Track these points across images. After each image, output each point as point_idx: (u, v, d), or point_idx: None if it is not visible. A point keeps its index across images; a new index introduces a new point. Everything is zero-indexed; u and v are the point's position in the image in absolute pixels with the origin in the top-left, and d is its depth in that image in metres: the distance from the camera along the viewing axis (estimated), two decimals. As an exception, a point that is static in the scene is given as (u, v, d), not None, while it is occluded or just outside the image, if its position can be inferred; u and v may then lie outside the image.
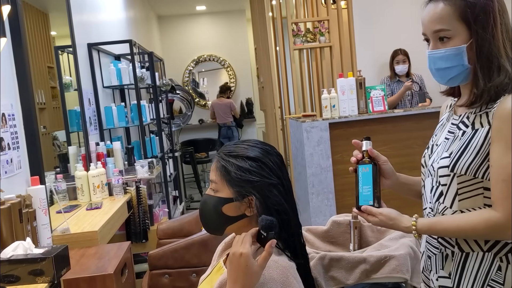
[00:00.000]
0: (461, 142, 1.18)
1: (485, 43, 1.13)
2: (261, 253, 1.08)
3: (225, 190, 1.21)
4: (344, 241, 1.78)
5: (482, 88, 1.15)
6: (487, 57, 1.14)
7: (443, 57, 1.17)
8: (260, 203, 1.17)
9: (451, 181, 1.19)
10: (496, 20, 1.13)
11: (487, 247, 1.16)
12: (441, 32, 1.16)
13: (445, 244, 1.23)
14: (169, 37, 8.47)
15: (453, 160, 1.17)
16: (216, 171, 1.23)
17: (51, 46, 2.99)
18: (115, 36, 4.43)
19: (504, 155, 1.09)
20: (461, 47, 1.15)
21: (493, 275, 1.15)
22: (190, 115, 5.92)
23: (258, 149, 1.23)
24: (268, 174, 1.19)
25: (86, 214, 2.44)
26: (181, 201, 5.18)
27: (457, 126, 1.22)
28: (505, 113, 1.10)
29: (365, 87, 3.69)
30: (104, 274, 1.73)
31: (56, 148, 3.02)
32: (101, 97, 3.59)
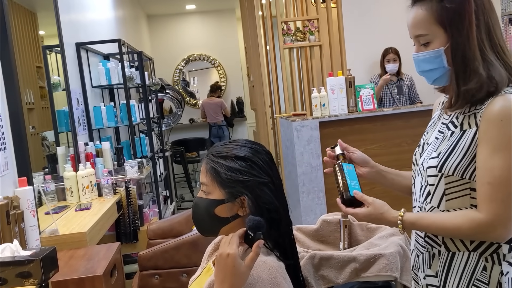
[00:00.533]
0: (449, 143, 1.18)
1: (460, 46, 1.14)
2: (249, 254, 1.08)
3: (216, 191, 1.20)
4: (334, 240, 1.78)
5: (457, 91, 1.16)
6: (462, 61, 1.15)
7: (425, 60, 1.20)
8: (252, 202, 1.17)
9: (438, 181, 1.19)
10: (472, 23, 1.13)
11: (473, 247, 1.17)
12: (421, 37, 1.19)
13: (432, 243, 1.24)
14: (158, 37, 8.43)
15: (441, 161, 1.18)
16: (206, 173, 1.22)
17: (39, 46, 2.96)
18: (104, 35, 4.40)
19: (490, 157, 1.09)
20: (439, 50, 1.17)
21: (478, 275, 1.16)
22: (180, 115, 5.90)
23: (247, 148, 1.22)
24: (259, 173, 1.19)
25: (75, 215, 2.42)
26: (171, 201, 5.16)
27: (446, 126, 1.22)
28: (492, 115, 1.10)
29: (354, 86, 3.70)
30: (93, 276, 1.72)
31: (45, 149, 2.99)
32: (90, 97, 3.56)
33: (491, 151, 1.09)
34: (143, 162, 3.28)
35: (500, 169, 1.08)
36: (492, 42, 1.15)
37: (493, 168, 1.09)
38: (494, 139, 1.09)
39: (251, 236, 1.06)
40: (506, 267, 1.14)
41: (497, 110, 1.09)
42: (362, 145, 3.81)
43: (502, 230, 1.10)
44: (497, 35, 1.16)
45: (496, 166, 1.08)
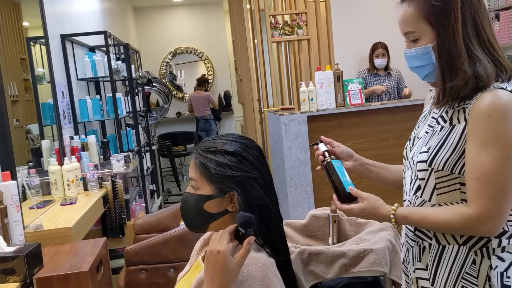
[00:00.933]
0: (439, 138, 1.18)
1: (445, 43, 1.15)
2: (239, 250, 1.07)
3: (205, 187, 1.18)
4: (323, 235, 1.78)
5: (442, 88, 1.17)
6: (447, 58, 1.15)
7: (415, 56, 1.20)
8: (241, 198, 1.15)
9: (429, 175, 1.19)
10: (457, 20, 1.13)
11: (463, 240, 1.17)
12: (410, 34, 1.20)
13: (422, 236, 1.24)
14: (145, 29, 8.34)
15: (430, 155, 1.18)
16: (195, 168, 1.20)
17: (23, 37, 2.90)
18: (89, 27, 4.33)
19: (478, 153, 1.10)
20: (427, 47, 1.17)
21: (467, 268, 1.17)
22: (167, 108, 5.84)
23: (237, 143, 1.20)
24: (248, 168, 1.17)
25: (60, 210, 2.38)
26: (158, 195, 5.13)
27: (436, 120, 1.22)
28: (480, 111, 1.10)
29: (342, 80, 3.69)
30: (78, 272, 1.69)
31: (30, 142, 2.94)
32: (75, 90, 3.51)
33: (479, 146, 1.10)
34: (130, 156, 3.25)
35: (488, 165, 1.09)
36: (480, 38, 1.15)
37: (481, 163, 1.09)
38: (482, 135, 1.10)
39: (241, 233, 1.04)
40: (496, 261, 1.15)
41: (485, 105, 1.10)
42: (350, 140, 3.81)
43: (491, 225, 1.10)
44: (486, 30, 1.16)
45: (484, 161, 1.09)
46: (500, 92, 1.11)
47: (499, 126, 1.08)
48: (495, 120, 1.08)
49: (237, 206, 1.16)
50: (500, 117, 1.08)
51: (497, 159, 1.08)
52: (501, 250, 1.15)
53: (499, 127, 1.08)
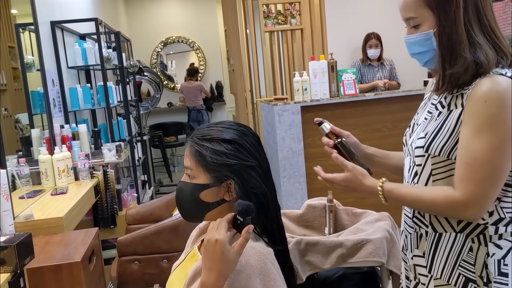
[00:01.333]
0: (437, 123, 1.18)
1: (446, 29, 1.13)
2: (238, 239, 1.04)
3: (201, 175, 1.15)
4: (319, 225, 1.76)
5: (442, 75, 1.16)
6: (448, 44, 1.14)
7: (416, 42, 1.19)
8: (238, 187, 1.12)
9: (425, 161, 1.19)
10: (459, 6, 1.12)
11: (460, 227, 1.17)
12: (410, 20, 1.19)
13: (419, 223, 1.24)
14: (136, 18, 8.24)
15: (427, 141, 1.18)
16: (190, 156, 1.17)
17: (11, 25, 2.83)
18: (79, 15, 4.25)
19: (471, 138, 1.09)
20: (429, 33, 1.16)
21: (464, 256, 1.16)
22: (158, 98, 5.78)
23: (233, 130, 1.17)
24: (246, 156, 1.14)
25: (51, 200, 2.34)
26: (150, 185, 5.09)
27: (435, 106, 1.22)
28: (477, 96, 1.09)
29: (336, 70, 3.67)
30: (70, 262, 1.66)
31: (19, 131, 2.89)
32: (65, 78, 3.44)
33: (473, 131, 1.09)
34: (121, 145, 3.20)
35: (480, 151, 1.08)
36: (482, 24, 1.14)
37: (473, 149, 1.09)
38: (476, 120, 1.09)
39: (240, 221, 1.02)
40: (493, 249, 1.14)
41: (482, 91, 1.09)
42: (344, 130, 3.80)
43: (475, 210, 1.10)
44: (488, 16, 1.15)
45: (476, 147, 1.08)
46: (499, 78, 1.10)
47: (495, 112, 1.07)
48: (491, 106, 1.07)
49: (234, 195, 1.13)
50: (496, 103, 1.07)
51: (490, 146, 1.07)
52: (498, 238, 1.14)
53: (494, 113, 1.07)
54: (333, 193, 1.79)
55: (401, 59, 4.76)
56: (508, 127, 1.06)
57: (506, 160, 1.08)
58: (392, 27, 4.91)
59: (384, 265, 1.51)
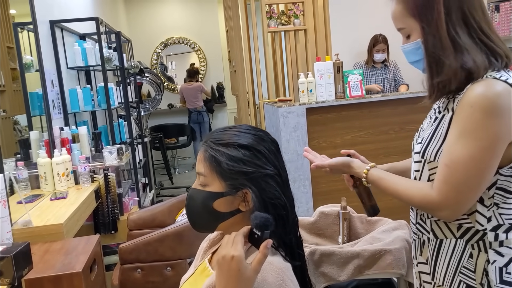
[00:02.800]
0: (432, 128, 1.17)
1: (429, 37, 1.13)
2: (252, 253, 0.96)
3: (215, 183, 1.06)
4: (332, 233, 1.67)
5: (430, 84, 1.15)
6: (433, 52, 1.13)
7: (409, 52, 1.20)
8: (256, 196, 1.03)
9: (422, 167, 1.18)
10: (440, 13, 1.10)
11: (459, 233, 1.15)
12: (401, 30, 1.20)
13: (421, 230, 1.23)
14: (136, 18, 8.15)
15: (423, 146, 1.18)
16: (204, 162, 1.08)
17: (10, 25, 2.75)
18: (79, 14, 4.17)
19: (454, 141, 1.08)
20: (417, 42, 1.16)
21: (464, 262, 1.15)
22: (159, 99, 5.69)
23: (251, 135, 1.09)
24: (264, 164, 1.05)
25: (50, 205, 2.25)
26: (150, 188, 5.00)
27: (435, 112, 1.21)
28: (465, 101, 1.08)
29: (342, 71, 3.59)
30: (71, 273, 1.57)
31: (17, 133, 2.81)
32: (65, 79, 3.36)
33: (456, 135, 1.08)
34: (123, 148, 3.11)
35: (459, 155, 1.07)
36: (470, 27, 1.11)
37: (453, 151, 1.08)
38: (461, 124, 1.08)
39: (257, 235, 0.93)
40: (493, 256, 1.12)
41: (471, 96, 1.07)
42: (349, 133, 3.72)
43: (448, 213, 1.11)
44: (476, 18, 1.12)
45: (457, 150, 1.07)
46: (492, 82, 1.06)
47: (478, 118, 1.04)
48: (476, 111, 1.05)
49: (251, 205, 1.05)
50: (482, 109, 1.04)
51: (468, 152, 1.05)
52: (498, 244, 1.12)
53: (478, 118, 1.05)
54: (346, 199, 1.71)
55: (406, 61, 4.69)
56: (492, 135, 1.04)
57: (485, 168, 1.06)
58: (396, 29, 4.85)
59: (403, 277, 1.42)
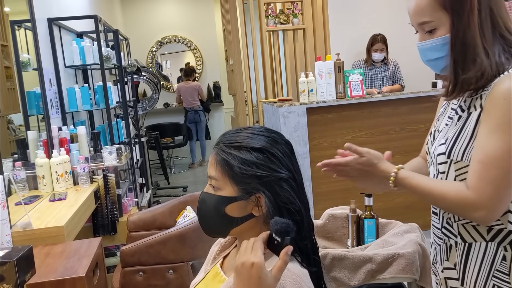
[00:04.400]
0: (457, 128, 1.13)
1: (460, 33, 1.08)
2: (267, 260, 0.93)
3: (227, 187, 1.03)
4: (340, 236, 1.64)
5: (454, 81, 1.10)
6: (461, 48, 1.08)
7: (431, 48, 1.14)
8: (270, 201, 1.00)
9: (448, 168, 1.14)
10: (473, 8, 1.06)
11: (490, 236, 1.11)
12: (426, 24, 1.13)
13: (448, 234, 1.18)
14: (132, 17, 8.08)
15: (448, 146, 1.13)
16: (216, 165, 1.04)
17: (5, 23, 2.69)
18: (76, 13, 4.11)
19: (486, 136, 1.04)
20: (446, 37, 1.10)
21: (498, 265, 1.10)
22: (157, 98, 5.63)
23: (264, 137, 1.05)
24: (278, 167, 1.02)
25: (49, 206, 2.20)
26: (147, 188, 4.95)
27: (455, 111, 1.17)
28: (496, 94, 1.05)
29: (343, 71, 3.56)
30: (74, 277, 1.53)
31: (11, 132, 2.75)
32: (62, 78, 3.31)
33: (489, 129, 1.05)
34: (122, 148, 3.06)
35: (494, 149, 1.02)
36: (496, 25, 1.09)
37: (487, 146, 1.04)
38: (493, 118, 1.04)
39: (277, 241, 0.89)
40: None
41: (502, 89, 1.04)
42: (350, 133, 3.70)
43: (485, 213, 1.04)
44: (502, 15, 1.10)
45: (491, 145, 1.03)
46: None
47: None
48: (509, 104, 1.01)
49: (264, 210, 1.01)
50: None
51: (504, 145, 1.01)
52: None
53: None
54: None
55: (407, 60, 4.66)
56: None
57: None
58: (396, 28, 4.82)
59: (417, 281, 1.39)
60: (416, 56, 1.23)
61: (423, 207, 3.77)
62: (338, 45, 4.86)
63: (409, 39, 4.96)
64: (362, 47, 4.67)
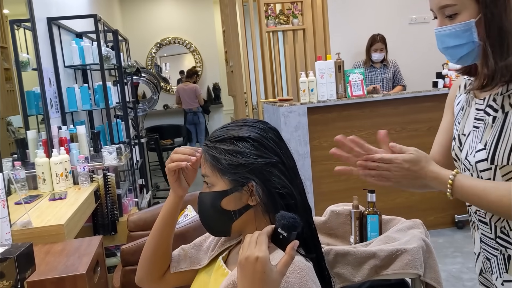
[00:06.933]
0: (494, 130, 1.04)
1: (496, 17, 0.99)
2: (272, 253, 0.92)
3: (219, 182, 1.03)
4: (343, 233, 1.63)
5: (493, 68, 1.01)
6: (498, 33, 1.00)
7: (451, 34, 1.05)
8: (261, 188, 1.00)
9: (494, 174, 1.04)
10: None
11: None
12: (447, 8, 1.04)
13: (504, 244, 1.08)
14: (131, 18, 8.08)
15: (489, 151, 1.04)
16: (205, 163, 1.05)
17: (3, 25, 2.68)
18: (75, 13, 4.10)
19: None
20: (469, 22, 1.02)
21: None
22: (156, 100, 5.63)
23: (247, 127, 1.05)
24: (263, 153, 1.01)
25: (49, 205, 2.19)
26: (147, 190, 4.93)
27: (484, 112, 1.07)
28: None
29: (344, 70, 3.56)
30: (74, 275, 1.51)
31: (11, 134, 2.74)
32: (62, 78, 3.30)
33: None
34: (122, 148, 3.05)
35: None
36: None
37: None
38: None
39: (282, 236, 0.88)
40: None
41: None
42: (351, 132, 3.64)
43: None
44: None
45: None
46: None
47: None
48: None
49: (258, 199, 1.01)
50: None
51: None
52: None
53: None
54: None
55: (407, 60, 4.67)
56: None
57: None
58: (396, 28, 4.82)
59: (421, 277, 1.38)
60: (416, 56, 1.18)
61: (424, 207, 3.79)
62: (338, 45, 4.86)
63: (409, 39, 4.99)
64: (361, 48, 4.67)
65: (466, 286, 2.95)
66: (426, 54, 4.38)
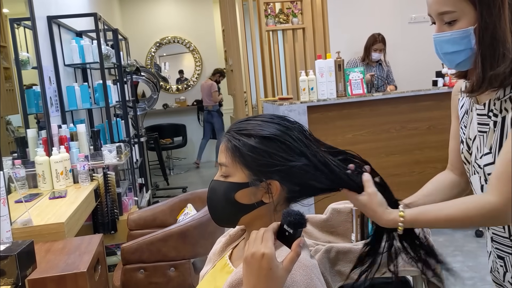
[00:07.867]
0: (497, 134, 1.06)
1: (489, 26, 1.00)
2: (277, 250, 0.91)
3: (238, 173, 1.01)
4: (344, 230, 1.63)
5: (481, 76, 1.03)
6: (490, 43, 1.01)
7: (450, 41, 1.06)
8: (282, 188, 1.00)
9: None
10: (504, 0, 1.00)
11: None
12: (446, 14, 1.04)
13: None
14: (131, 17, 8.07)
15: (495, 155, 1.06)
16: (226, 152, 1.03)
17: (3, 23, 2.68)
18: (75, 11, 4.10)
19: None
20: (468, 30, 1.03)
21: None
22: (156, 99, 5.62)
23: (275, 124, 1.03)
24: (290, 156, 0.99)
25: (49, 204, 2.19)
26: (147, 189, 4.93)
27: (487, 116, 1.09)
28: None
29: (344, 69, 3.56)
30: (75, 273, 1.51)
31: (10, 133, 2.73)
32: (62, 76, 3.29)
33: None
34: (122, 146, 3.05)
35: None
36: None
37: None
38: None
39: (288, 233, 0.88)
40: None
41: None
42: (350, 131, 3.69)
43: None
44: None
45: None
46: None
47: None
48: None
49: (275, 197, 1.00)
50: None
51: None
52: None
53: None
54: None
55: (407, 59, 4.67)
56: None
57: None
58: (396, 27, 4.83)
59: (422, 274, 1.38)
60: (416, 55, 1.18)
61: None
62: (338, 44, 4.86)
63: (409, 37, 4.99)
64: (361, 47, 4.66)
65: (466, 285, 2.95)
66: (425, 53, 4.36)
